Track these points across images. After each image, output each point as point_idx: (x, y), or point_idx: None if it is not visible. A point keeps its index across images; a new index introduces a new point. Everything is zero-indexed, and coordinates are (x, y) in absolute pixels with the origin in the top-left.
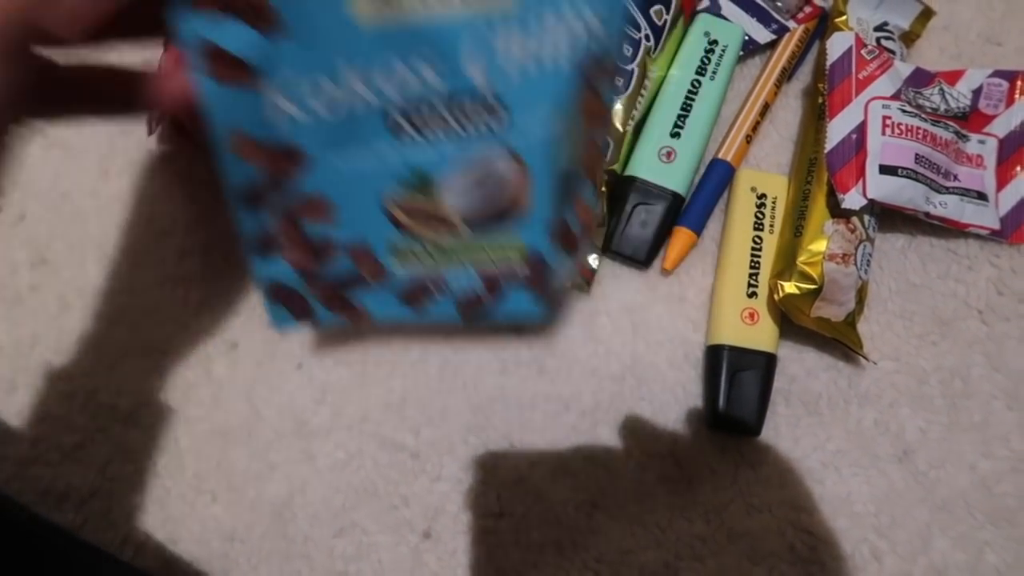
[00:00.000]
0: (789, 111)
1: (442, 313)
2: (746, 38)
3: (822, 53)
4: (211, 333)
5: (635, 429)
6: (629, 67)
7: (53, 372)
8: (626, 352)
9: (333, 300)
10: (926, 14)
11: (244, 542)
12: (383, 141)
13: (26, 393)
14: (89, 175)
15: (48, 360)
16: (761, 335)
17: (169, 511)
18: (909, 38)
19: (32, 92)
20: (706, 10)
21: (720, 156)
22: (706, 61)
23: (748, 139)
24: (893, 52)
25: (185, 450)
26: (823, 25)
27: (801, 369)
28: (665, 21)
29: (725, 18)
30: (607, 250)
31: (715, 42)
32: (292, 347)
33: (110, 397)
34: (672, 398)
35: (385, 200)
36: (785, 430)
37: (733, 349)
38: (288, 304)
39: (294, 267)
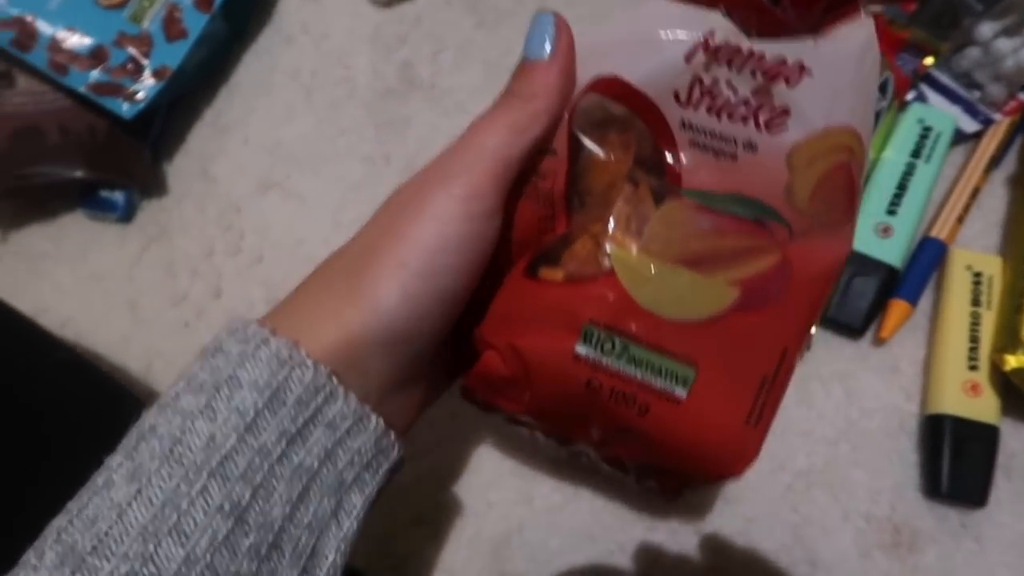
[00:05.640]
0: (995, 197)
1: None
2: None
3: None
4: None
5: (852, 493)
6: None
7: None
8: (839, 417)
9: None
10: None
11: None
12: None
13: None
14: (322, 225)
15: None
16: (984, 407)
17: None
18: None
19: None
20: (915, 100)
21: (933, 235)
22: (921, 145)
23: (960, 220)
24: None
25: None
26: None
27: (1021, 444)
28: (882, 107)
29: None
30: (823, 318)
31: (929, 128)
32: None
33: None
34: (888, 465)
35: None
36: (1008, 505)
37: (956, 419)
38: None
39: None
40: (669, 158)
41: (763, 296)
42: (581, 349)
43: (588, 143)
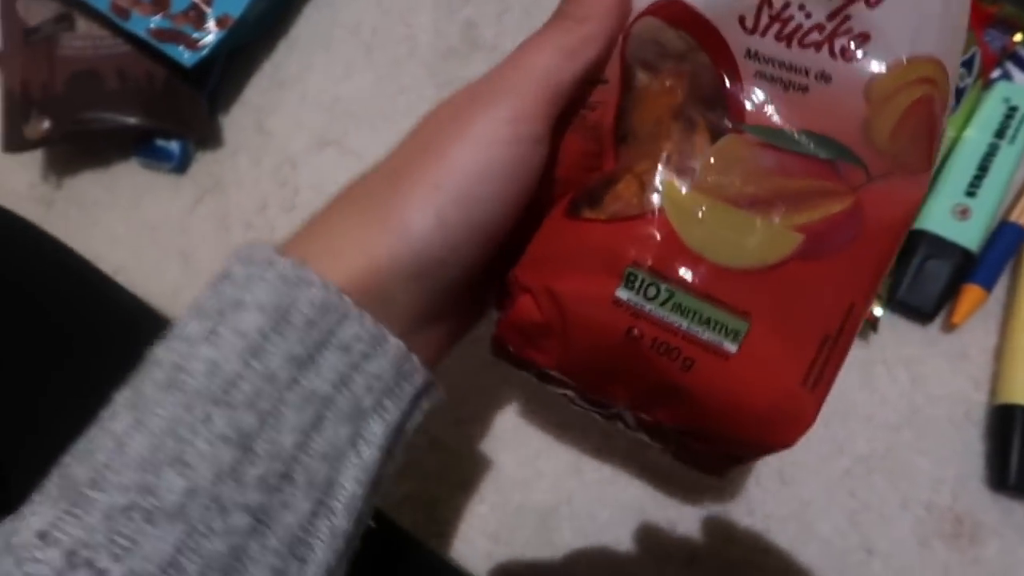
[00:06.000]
0: None
1: None
2: None
3: None
4: None
5: (913, 481)
6: None
7: None
8: (903, 403)
9: None
10: None
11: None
12: None
13: None
14: None
15: None
16: None
17: None
18: None
19: None
20: (1000, 78)
21: (1012, 219)
22: (1006, 125)
23: None
24: None
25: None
26: None
27: None
28: (967, 84)
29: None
30: (892, 300)
31: (1015, 108)
32: None
33: None
34: (952, 454)
35: None
36: None
37: None
38: None
39: None
40: (732, 91)
41: (830, 244)
42: (622, 293)
43: (641, 73)
